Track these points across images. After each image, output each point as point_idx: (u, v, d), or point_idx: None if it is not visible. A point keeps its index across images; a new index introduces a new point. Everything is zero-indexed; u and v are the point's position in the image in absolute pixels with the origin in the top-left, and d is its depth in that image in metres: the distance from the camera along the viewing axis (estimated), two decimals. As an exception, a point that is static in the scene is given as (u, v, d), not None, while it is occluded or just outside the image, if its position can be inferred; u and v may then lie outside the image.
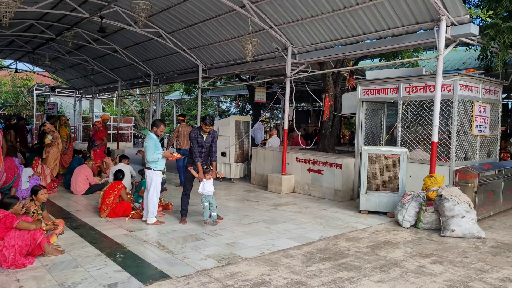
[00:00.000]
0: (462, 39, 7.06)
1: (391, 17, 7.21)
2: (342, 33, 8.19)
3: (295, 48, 9.24)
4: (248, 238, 5.47)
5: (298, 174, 9.12)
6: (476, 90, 7.46)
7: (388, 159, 7.07)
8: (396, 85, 7.70)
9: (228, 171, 10.32)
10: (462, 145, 7.27)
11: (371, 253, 4.96)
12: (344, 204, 7.94)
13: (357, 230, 6.03)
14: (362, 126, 8.37)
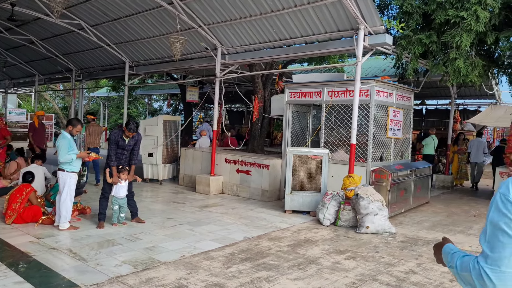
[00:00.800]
0: (379, 48, 7.56)
1: (316, 24, 7.50)
2: (270, 36, 8.34)
3: (225, 48, 9.22)
4: (170, 241, 5.32)
5: (227, 175, 9.11)
6: (391, 96, 8.04)
7: (311, 160, 7.33)
8: (320, 89, 8.02)
9: (155, 172, 10.00)
10: (378, 147, 7.78)
11: (291, 252, 5.09)
12: (271, 204, 8.08)
13: (280, 230, 6.16)
14: (289, 128, 8.60)
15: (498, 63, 8.49)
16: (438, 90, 15.67)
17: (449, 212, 8.03)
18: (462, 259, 1.41)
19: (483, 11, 6.62)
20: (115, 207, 5.89)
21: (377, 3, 9.65)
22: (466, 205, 8.88)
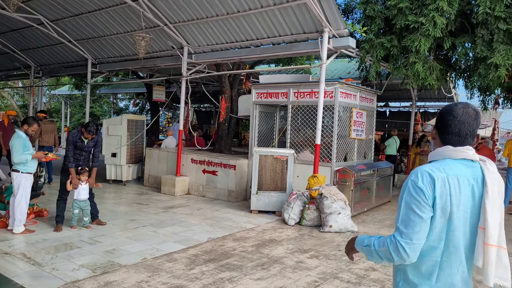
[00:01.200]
0: (343, 51, 7.73)
1: (282, 25, 7.57)
2: (237, 36, 8.33)
3: (191, 48, 9.13)
4: (132, 243, 5.19)
5: (193, 175, 9.02)
6: (354, 97, 8.23)
7: (277, 160, 7.39)
8: (286, 90, 8.10)
9: (119, 173, 9.74)
10: (343, 147, 7.95)
11: (255, 252, 5.10)
12: (237, 204, 8.07)
13: (245, 230, 6.16)
14: (255, 128, 8.62)
15: (455, 68, 8.89)
16: (401, 92, 16.21)
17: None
18: (379, 239, 1.67)
19: (440, 17, 6.91)
20: (76, 210, 5.71)
21: (342, 6, 9.87)
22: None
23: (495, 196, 1.59)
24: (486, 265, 1.58)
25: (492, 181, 1.61)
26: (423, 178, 1.59)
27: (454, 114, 1.69)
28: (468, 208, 1.60)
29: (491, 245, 1.56)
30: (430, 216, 1.58)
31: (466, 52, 7.71)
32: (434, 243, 1.61)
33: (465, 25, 7.55)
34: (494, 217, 1.57)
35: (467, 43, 7.58)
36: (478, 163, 1.69)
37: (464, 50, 7.62)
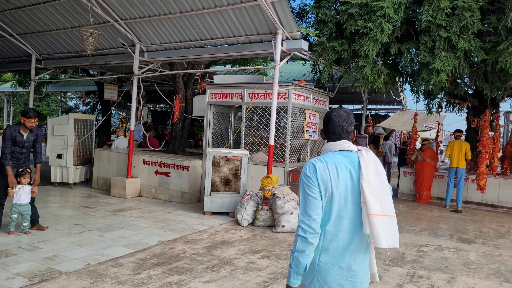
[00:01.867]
0: (296, 53, 7.85)
1: (236, 26, 7.55)
2: (191, 35, 8.21)
3: (144, 45, 8.87)
4: (75, 249, 4.93)
5: (145, 177, 8.76)
6: (307, 99, 8.38)
7: (231, 161, 7.34)
8: (241, 91, 8.09)
9: (65, 175, 9.24)
10: (296, 148, 8.06)
11: (206, 254, 5.03)
12: (190, 206, 7.94)
13: (197, 232, 6.06)
14: (210, 129, 8.53)
15: (402, 72, 9.32)
16: (353, 95, 16.79)
17: (359, 209, 8.59)
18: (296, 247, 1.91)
19: (387, 23, 7.22)
20: (14, 215, 5.33)
21: (296, 10, 10.04)
22: (374, 203, 9.57)
23: (371, 176, 1.96)
24: (373, 232, 1.90)
25: (366, 165, 1.98)
26: (309, 168, 1.99)
27: (329, 118, 2.11)
28: (348, 188, 1.97)
29: (374, 215, 1.90)
30: (320, 195, 1.94)
31: (411, 58, 8.11)
32: (324, 217, 1.98)
33: (410, 32, 7.95)
34: (372, 192, 1.93)
35: (412, 49, 7.98)
36: (356, 152, 2.06)
37: (410, 55, 8.02)
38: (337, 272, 1.97)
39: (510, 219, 8.40)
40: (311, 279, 2.01)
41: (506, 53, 6.54)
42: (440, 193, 9.79)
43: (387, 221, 1.95)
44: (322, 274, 1.97)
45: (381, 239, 1.90)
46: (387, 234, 1.92)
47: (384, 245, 1.90)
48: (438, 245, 6.05)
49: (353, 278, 1.99)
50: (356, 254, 2.00)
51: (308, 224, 1.89)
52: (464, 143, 9.20)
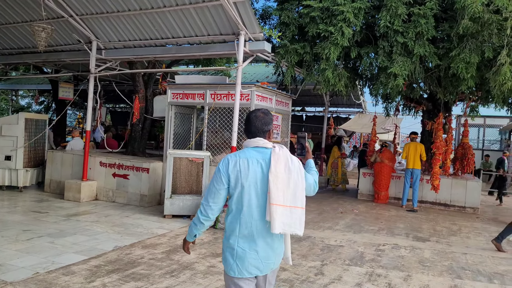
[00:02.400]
0: (259, 55, 7.83)
1: (198, 25, 7.41)
2: (151, 34, 7.98)
3: (101, 43, 8.52)
4: (23, 257, 4.61)
5: (102, 179, 8.40)
6: (270, 101, 8.39)
7: (192, 163, 7.20)
8: (203, 92, 7.96)
9: (14, 178, 8.68)
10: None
11: (165, 259, 4.87)
12: (150, 209, 7.70)
13: (156, 236, 5.88)
14: (171, 130, 8.33)
15: (362, 76, 9.57)
16: (316, 98, 17.06)
17: (320, 210, 8.71)
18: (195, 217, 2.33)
19: (348, 28, 7.37)
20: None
21: (259, 11, 10.05)
22: (335, 203, 9.76)
23: (279, 170, 2.20)
24: (271, 218, 2.15)
25: (276, 160, 2.21)
26: (223, 162, 2.29)
27: (248, 119, 2.36)
28: (257, 179, 2.22)
29: (275, 204, 2.15)
30: (224, 188, 2.25)
31: (370, 62, 8.34)
32: (236, 205, 2.24)
33: (370, 36, 8.17)
34: (276, 185, 2.17)
35: (371, 53, 8.20)
36: (270, 149, 2.28)
37: (369, 59, 8.24)
38: (253, 256, 2.22)
39: (461, 217, 8.83)
40: (231, 265, 2.25)
41: (458, 59, 6.86)
42: (397, 193, 10.14)
43: (287, 211, 2.19)
44: (241, 258, 2.22)
45: (275, 225, 2.15)
46: (282, 222, 2.17)
47: (276, 231, 2.16)
48: (395, 244, 6.23)
49: (267, 260, 2.26)
50: (269, 239, 2.25)
51: (205, 208, 2.29)
52: (419, 145, 9.57)
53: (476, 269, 5.22)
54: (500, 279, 4.90)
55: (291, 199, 2.21)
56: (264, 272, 2.27)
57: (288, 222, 2.19)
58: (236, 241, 2.23)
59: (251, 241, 2.22)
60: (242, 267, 2.22)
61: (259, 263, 2.23)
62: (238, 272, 2.22)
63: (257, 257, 2.22)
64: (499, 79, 6.33)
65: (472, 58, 6.69)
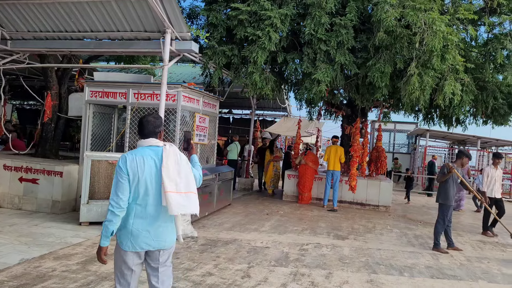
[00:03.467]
0: (186, 55, 7.64)
1: (120, 20, 6.98)
2: (67, 26, 7.33)
3: (7, 32, 7.61)
4: None
5: (6, 184, 7.50)
6: (197, 102, 8.23)
7: (112, 166, 6.75)
8: (125, 90, 7.55)
9: None
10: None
11: (81, 270, 4.48)
12: (64, 216, 7.06)
13: (71, 246, 5.39)
14: (88, 130, 7.75)
15: (287, 81, 9.86)
16: (243, 101, 17.21)
17: (247, 212, 8.76)
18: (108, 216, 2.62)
19: (275, 33, 7.53)
20: None
21: (187, 11, 9.84)
22: (261, 205, 9.91)
23: (169, 164, 2.67)
24: (167, 204, 2.62)
25: (166, 156, 2.68)
26: (122, 160, 2.68)
27: (141, 122, 2.78)
28: (152, 173, 2.68)
29: (169, 192, 2.62)
30: (127, 181, 2.64)
31: (296, 67, 8.62)
32: (134, 194, 2.67)
33: (295, 43, 8.45)
34: (169, 176, 2.64)
35: (297, 59, 8.48)
36: (161, 147, 2.73)
37: (294, 65, 8.51)
38: (145, 235, 2.68)
39: (376, 215, 9.53)
40: (126, 241, 2.68)
41: (374, 68, 7.39)
42: (319, 194, 10.61)
43: (180, 196, 2.66)
44: (135, 236, 2.66)
45: (172, 209, 2.61)
46: (178, 205, 2.62)
47: (174, 212, 2.62)
48: (318, 243, 6.49)
49: (158, 238, 2.71)
50: (160, 221, 2.72)
51: (117, 202, 2.59)
52: (339, 148, 10.13)
53: (389, 263, 5.64)
54: (409, 271, 5.34)
55: (185, 187, 2.70)
56: (155, 247, 2.72)
57: (185, 204, 2.66)
58: (131, 223, 2.66)
59: (144, 223, 2.68)
60: (136, 243, 2.67)
61: (150, 240, 2.69)
62: (132, 247, 2.67)
63: (149, 235, 2.68)
64: (409, 89, 6.94)
65: (386, 68, 7.26)
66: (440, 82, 7.19)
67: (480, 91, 8.31)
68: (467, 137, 17.12)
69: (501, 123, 9.55)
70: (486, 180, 8.21)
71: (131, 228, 2.66)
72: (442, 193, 6.52)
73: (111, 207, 2.59)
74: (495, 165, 8.30)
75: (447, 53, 6.72)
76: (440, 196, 6.57)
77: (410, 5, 6.75)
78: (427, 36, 6.58)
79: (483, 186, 8.21)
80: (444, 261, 5.99)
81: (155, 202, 2.68)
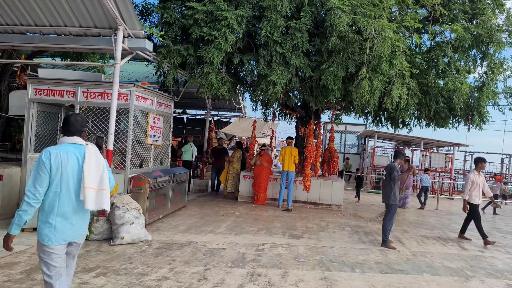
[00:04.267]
0: (140, 53, 7.43)
1: (68, 14, 6.66)
2: (7, 18, 6.86)
3: None
4: None
5: None
6: (151, 102, 8.01)
7: (60, 168, 6.39)
8: (74, 89, 7.18)
9: None
10: (138, 153, 7.59)
11: (25, 279, 4.20)
12: (5, 222, 6.53)
13: (13, 254, 5.03)
14: (32, 130, 7.27)
15: (243, 82, 9.88)
16: (197, 101, 17.03)
17: (202, 214, 8.67)
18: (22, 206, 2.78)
19: (231, 34, 7.52)
20: None
21: (139, 7, 9.56)
22: (217, 206, 9.85)
23: (91, 162, 2.93)
24: (85, 198, 2.86)
25: (89, 155, 2.94)
26: (45, 154, 2.83)
27: (68, 120, 2.99)
28: (74, 169, 2.90)
29: (87, 187, 2.86)
30: (48, 175, 2.80)
31: (252, 69, 8.67)
32: (55, 189, 2.84)
33: (251, 44, 8.49)
34: (89, 173, 2.89)
35: (253, 61, 8.53)
36: (84, 146, 2.97)
37: (250, 66, 8.55)
38: (69, 227, 2.90)
39: (329, 214, 9.82)
40: (49, 237, 2.83)
41: (327, 72, 7.62)
42: (274, 194, 10.74)
43: (97, 193, 2.93)
44: (58, 230, 2.86)
45: (88, 204, 2.86)
46: (94, 201, 2.89)
47: (90, 207, 2.88)
48: (274, 243, 6.56)
49: (79, 230, 2.98)
50: (81, 214, 2.97)
51: (34, 193, 2.75)
52: (294, 149, 10.33)
53: (341, 260, 5.83)
54: (361, 267, 5.56)
55: (99, 184, 2.96)
56: (77, 238, 2.99)
57: (99, 200, 2.93)
58: (54, 218, 2.84)
59: (67, 216, 2.88)
60: (60, 237, 2.86)
61: (73, 232, 2.93)
62: (56, 241, 2.85)
63: (72, 228, 2.92)
64: (360, 92, 7.23)
65: (338, 72, 7.50)
66: (388, 86, 7.55)
67: (424, 95, 8.84)
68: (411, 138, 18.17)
69: (442, 126, 10.22)
70: (469, 188, 7.82)
71: (54, 222, 2.84)
72: (391, 194, 6.87)
73: (27, 198, 2.73)
74: (478, 170, 7.93)
75: (395, 59, 7.08)
76: (389, 197, 6.90)
77: (361, 12, 7.04)
78: (377, 42, 6.89)
79: (465, 194, 7.88)
80: (392, 256, 6.30)
81: (76, 196, 2.90)
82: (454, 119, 10.13)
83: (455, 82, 8.02)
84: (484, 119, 9.30)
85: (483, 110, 9.08)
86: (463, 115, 9.47)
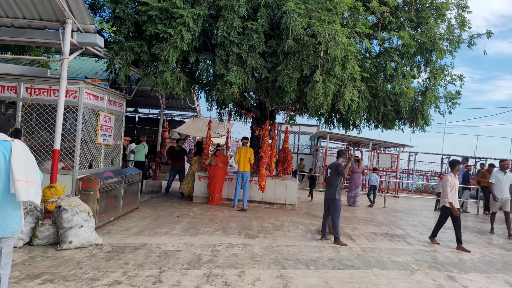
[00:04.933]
0: (90, 49, 7.11)
1: (10, 4, 6.22)
2: None
3: None
4: None
5: None
6: (102, 100, 7.69)
7: None
8: (16, 84, 6.73)
9: None
10: (88, 153, 7.25)
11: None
12: None
13: None
14: (-32, 128, 6.70)
15: (198, 81, 9.77)
16: (150, 99, 16.59)
17: (156, 215, 8.46)
18: None
19: (187, 32, 7.41)
20: None
21: (89, 0, 9.14)
22: (171, 207, 9.65)
23: (19, 157, 2.99)
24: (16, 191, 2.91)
25: (16, 150, 3.01)
26: None
27: None
28: (1, 164, 2.95)
29: (18, 180, 2.92)
30: None
31: (207, 68, 8.61)
32: None
33: (208, 44, 8.42)
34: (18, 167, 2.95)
35: (209, 60, 8.47)
36: (10, 141, 3.04)
37: (206, 66, 8.48)
38: None
39: (283, 213, 9.98)
40: None
41: (283, 73, 7.74)
42: (230, 195, 10.73)
43: (28, 185, 2.98)
44: None
45: (21, 195, 2.91)
46: (26, 193, 2.94)
47: (23, 198, 2.93)
48: (230, 243, 6.56)
49: (7, 225, 3.01)
50: (9, 209, 3.01)
51: None
52: (249, 149, 10.38)
53: (296, 258, 5.96)
54: (315, 264, 5.72)
55: (32, 177, 3.03)
56: (4, 234, 3.00)
57: (31, 192, 2.99)
58: None
59: None
60: None
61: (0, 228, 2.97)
62: None
63: (1, 222, 2.96)
64: (314, 94, 7.43)
65: (294, 74, 7.66)
66: (340, 89, 7.83)
67: (373, 98, 9.27)
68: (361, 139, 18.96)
69: (389, 127, 10.77)
70: (449, 190, 7.57)
71: None
72: (337, 190, 7.19)
73: None
74: (454, 172, 7.78)
75: (347, 63, 7.36)
76: (335, 193, 7.20)
77: (316, 16, 7.23)
78: (331, 46, 7.12)
79: (448, 197, 7.56)
80: (344, 253, 6.54)
81: (5, 190, 2.95)
82: (400, 121, 10.71)
83: (402, 86, 8.48)
84: (427, 122, 9.92)
85: (426, 113, 9.69)
86: (408, 118, 10.04)
